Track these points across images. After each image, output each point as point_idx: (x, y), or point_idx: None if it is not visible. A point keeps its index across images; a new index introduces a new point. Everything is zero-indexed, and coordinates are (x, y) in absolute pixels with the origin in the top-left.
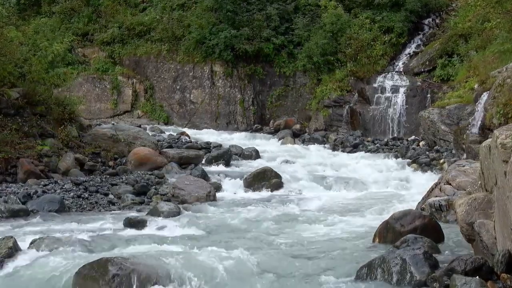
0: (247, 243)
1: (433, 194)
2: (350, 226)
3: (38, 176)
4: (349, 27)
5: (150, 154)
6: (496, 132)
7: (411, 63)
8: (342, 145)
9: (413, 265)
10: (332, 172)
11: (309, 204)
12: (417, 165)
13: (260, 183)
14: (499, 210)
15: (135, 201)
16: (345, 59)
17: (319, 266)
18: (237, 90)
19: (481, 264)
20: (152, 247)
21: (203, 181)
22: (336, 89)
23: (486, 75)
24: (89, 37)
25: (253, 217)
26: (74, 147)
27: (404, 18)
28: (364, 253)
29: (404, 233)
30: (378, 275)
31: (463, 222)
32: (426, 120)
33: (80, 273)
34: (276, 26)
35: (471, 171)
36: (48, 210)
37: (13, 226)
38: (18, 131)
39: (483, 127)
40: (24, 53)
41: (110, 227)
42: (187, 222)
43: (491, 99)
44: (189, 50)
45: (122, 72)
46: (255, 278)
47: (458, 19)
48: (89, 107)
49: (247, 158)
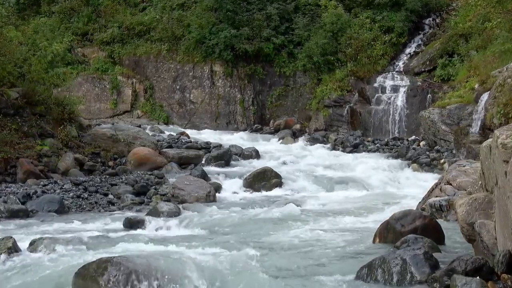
0: (247, 243)
1: (434, 194)
2: (350, 226)
3: (37, 176)
4: (349, 26)
5: (150, 154)
6: (496, 132)
7: (411, 63)
8: (342, 145)
9: (414, 266)
10: (332, 172)
11: (309, 204)
12: (418, 165)
13: (260, 183)
14: (500, 210)
15: (135, 201)
16: (345, 59)
17: (319, 266)
18: (237, 90)
19: (482, 265)
20: (152, 247)
21: (203, 181)
22: (336, 89)
23: (486, 75)
24: (88, 37)
25: (253, 217)
26: (73, 147)
27: (405, 18)
28: (364, 253)
29: (404, 233)
30: (379, 275)
31: (464, 222)
32: (427, 120)
33: (79, 274)
34: (276, 26)
35: (472, 171)
36: (48, 210)
37: (12, 226)
38: (18, 131)
39: (484, 127)
40: (24, 53)
41: (110, 227)
42: (187, 222)
43: (491, 99)
44: (189, 50)
45: (121, 72)
46: (255, 278)
47: (458, 19)
48: (89, 107)
49: (247, 158)
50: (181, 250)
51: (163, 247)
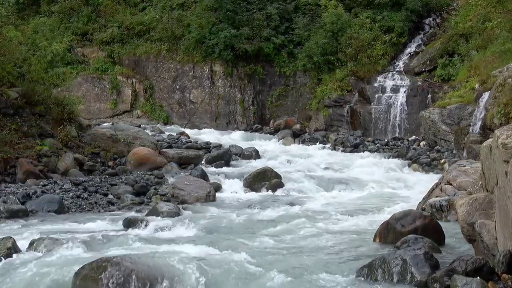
0: (247, 243)
1: (434, 194)
2: (351, 226)
3: (37, 176)
4: (350, 26)
5: (150, 154)
6: (497, 132)
7: (411, 63)
8: (343, 145)
9: (414, 266)
10: (332, 172)
11: (309, 204)
12: (418, 165)
13: (260, 183)
14: (500, 210)
15: (135, 201)
16: (346, 59)
17: (319, 266)
18: (237, 90)
19: (482, 265)
20: (152, 247)
21: (202, 181)
22: (336, 89)
23: (487, 74)
24: (88, 36)
25: (253, 218)
26: (73, 147)
27: (405, 18)
28: (364, 254)
29: (404, 233)
30: (379, 276)
31: (464, 223)
32: (427, 120)
33: (79, 274)
34: (276, 26)
35: (472, 171)
36: (47, 210)
37: (12, 227)
38: (17, 131)
39: (484, 127)
40: (23, 53)
41: (110, 228)
42: (186, 222)
43: (492, 99)
44: (189, 50)
45: (121, 72)
46: (255, 278)
47: (459, 19)
48: (89, 107)
49: (247, 158)
50: (181, 251)
51: (163, 247)
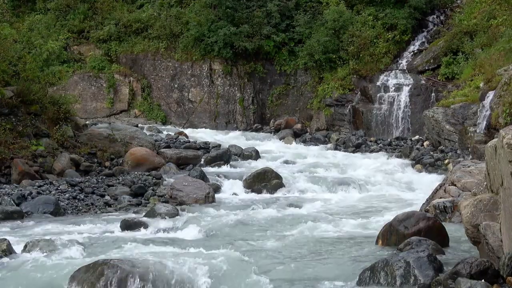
0: (247, 245)
1: (438, 195)
2: (353, 228)
3: (32, 177)
4: (352, 24)
5: (148, 154)
6: (502, 131)
7: (415, 61)
8: (345, 145)
9: (417, 268)
10: (334, 173)
11: (310, 205)
12: (421, 165)
13: (260, 184)
14: (506, 211)
15: (132, 202)
16: (348, 57)
17: (320, 269)
18: (236, 88)
19: (487, 267)
20: (149, 249)
21: (201, 182)
22: (338, 87)
23: (492, 73)
24: (84, 34)
25: (253, 219)
26: (69, 147)
27: (408, 15)
28: (366, 256)
29: (408, 235)
30: (381, 279)
31: (469, 224)
32: (431, 120)
33: (75, 277)
34: (277, 23)
35: (477, 171)
36: (43, 211)
37: (7, 228)
38: (12, 130)
39: (489, 127)
40: (18, 51)
41: (106, 229)
42: (185, 224)
43: (497, 98)
44: (187, 48)
45: (118, 70)
46: (255, 281)
47: (463, 16)
48: (85, 106)
49: (247, 158)
50: (179, 253)
51: (160, 249)
